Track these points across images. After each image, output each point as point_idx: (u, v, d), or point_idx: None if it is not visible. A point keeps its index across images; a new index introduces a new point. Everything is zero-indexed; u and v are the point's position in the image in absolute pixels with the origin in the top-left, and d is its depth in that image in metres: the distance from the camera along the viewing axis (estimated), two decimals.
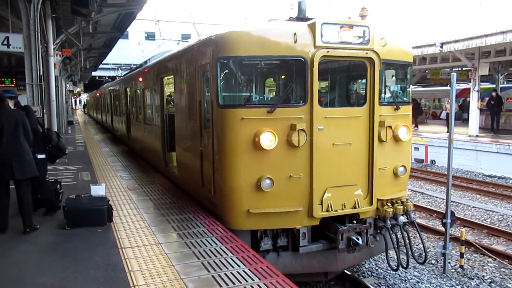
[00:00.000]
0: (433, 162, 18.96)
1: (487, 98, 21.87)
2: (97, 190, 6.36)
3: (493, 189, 14.03)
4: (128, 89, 15.22)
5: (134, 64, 28.48)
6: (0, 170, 5.67)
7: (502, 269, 7.89)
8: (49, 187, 6.98)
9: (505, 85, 30.22)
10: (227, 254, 4.96)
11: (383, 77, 6.38)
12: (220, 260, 4.78)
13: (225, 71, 5.89)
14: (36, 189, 6.59)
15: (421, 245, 7.09)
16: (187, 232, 5.76)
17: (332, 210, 5.98)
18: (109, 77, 40.31)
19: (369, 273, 7.79)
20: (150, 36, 40.43)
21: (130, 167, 11.34)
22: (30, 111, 6.63)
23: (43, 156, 6.65)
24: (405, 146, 6.69)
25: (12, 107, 6.29)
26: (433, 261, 8.21)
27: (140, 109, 12.58)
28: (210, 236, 5.60)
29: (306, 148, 5.79)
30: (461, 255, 7.97)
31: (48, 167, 7.44)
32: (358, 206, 6.14)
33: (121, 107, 17.32)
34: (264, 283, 4.20)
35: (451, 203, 7.98)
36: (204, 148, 6.61)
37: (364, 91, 6.36)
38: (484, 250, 8.54)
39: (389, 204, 6.39)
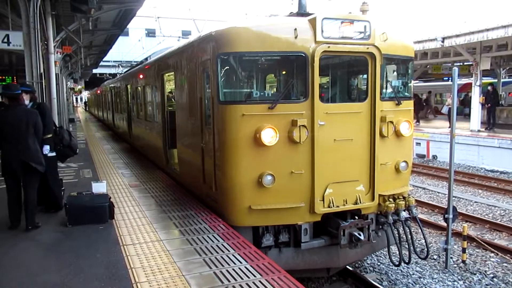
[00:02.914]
0: (434, 157, 18.92)
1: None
2: (99, 188, 6.36)
3: (495, 184, 14.00)
4: (129, 86, 15.21)
5: (134, 61, 28.46)
6: (13, 168, 5.75)
7: (504, 264, 7.88)
8: (60, 185, 6.98)
9: (507, 79, 30.10)
10: (228, 251, 4.96)
11: (385, 72, 6.35)
12: (221, 257, 4.78)
13: (226, 67, 5.87)
14: (47, 186, 6.61)
15: (423, 241, 7.08)
16: (188, 229, 5.76)
17: (333, 206, 5.97)
18: (110, 74, 40.29)
19: (371, 268, 7.79)
20: (151, 33, 40.34)
21: (131, 164, 11.34)
22: (45, 109, 6.63)
23: (54, 154, 6.63)
24: (407, 142, 6.66)
25: (28, 101, 6.35)
26: (435, 257, 8.20)
27: (141, 106, 12.56)
28: (212, 232, 5.59)
29: (307, 144, 5.77)
30: (463, 250, 7.96)
31: None
32: (360, 202, 6.13)
33: (122, 104, 17.31)
34: (266, 280, 4.19)
35: (453, 198, 7.95)
36: (205, 144, 6.60)
37: (365, 87, 6.34)
38: (486, 245, 8.52)
39: (391, 199, 6.39)
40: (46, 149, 6.32)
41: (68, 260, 4.80)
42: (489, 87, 20.27)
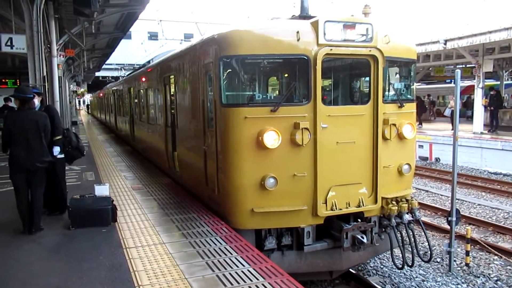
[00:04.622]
0: (437, 159, 18.87)
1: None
2: (101, 190, 6.37)
3: (499, 186, 13.95)
4: (131, 89, 15.25)
5: (137, 64, 28.55)
6: (24, 171, 5.80)
7: (508, 267, 7.84)
8: (65, 187, 6.99)
9: (510, 81, 30.03)
10: (231, 254, 4.95)
11: (387, 75, 6.34)
12: (224, 260, 4.77)
13: (228, 70, 5.88)
14: (53, 188, 6.64)
15: (426, 243, 7.06)
16: (191, 232, 5.76)
17: (336, 208, 5.96)
18: (112, 77, 40.40)
19: (374, 271, 7.76)
20: (153, 36, 40.44)
21: (134, 167, 11.36)
22: (54, 112, 6.68)
23: (62, 156, 6.66)
24: (410, 144, 6.65)
25: (38, 103, 6.40)
26: (438, 260, 8.17)
27: (144, 109, 12.59)
28: (214, 235, 5.59)
29: (310, 147, 5.77)
30: (467, 253, 7.93)
31: None
32: (363, 205, 6.12)
33: (124, 107, 17.35)
34: (269, 283, 4.18)
35: (456, 201, 7.93)
36: (207, 147, 6.60)
37: (367, 89, 6.33)
38: (489, 248, 8.49)
39: (394, 202, 6.37)
40: (57, 150, 6.37)
41: (71, 263, 4.80)
42: (491, 92, 20.22)
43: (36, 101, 6.42)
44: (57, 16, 13.91)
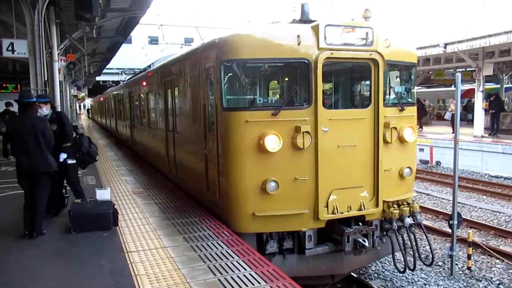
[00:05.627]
0: (438, 163, 18.86)
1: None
2: (103, 194, 6.38)
3: (500, 189, 13.93)
4: (132, 94, 15.27)
5: (137, 69, 28.60)
6: (26, 176, 5.84)
7: (510, 271, 7.82)
8: (81, 191, 6.96)
9: (510, 85, 30.06)
10: (233, 258, 4.95)
11: (388, 78, 6.36)
12: (226, 264, 4.76)
13: (229, 74, 5.90)
14: (58, 192, 6.72)
15: (428, 247, 7.04)
16: (192, 236, 5.75)
17: (338, 212, 5.96)
18: (113, 81, 40.49)
19: (376, 275, 7.74)
20: (153, 40, 40.58)
21: (134, 171, 11.35)
22: (64, 119, 6.73)
23: (74, 161, 6.71)
24: (411, 147, 6.65)
25: (47, 111, 6.49)
26: (440, 263, 8.15)
27: (144, 113, 12.60)
28: (216, 239, 5.58)
29: (311, 150, 5.77)
30: (469, 257, 7.91)
31: None
32: (364, 208, 6.12)
33: (125, 111, 17.36)
34: (270, 286, 4.18)
35: (458, 204, 7.91)
36: (208, 151, 6.61)
37: (368, 93, 6.35)
38: (491, 252, 8.47)
39: (395, 205, 6.37)
40: (62, 156, 6.42)
41: (72, 267, 4.80)
42: (491, 98, 20.24)
43: (45, 108, 6.49)
44: (58, 21, 13.97)
